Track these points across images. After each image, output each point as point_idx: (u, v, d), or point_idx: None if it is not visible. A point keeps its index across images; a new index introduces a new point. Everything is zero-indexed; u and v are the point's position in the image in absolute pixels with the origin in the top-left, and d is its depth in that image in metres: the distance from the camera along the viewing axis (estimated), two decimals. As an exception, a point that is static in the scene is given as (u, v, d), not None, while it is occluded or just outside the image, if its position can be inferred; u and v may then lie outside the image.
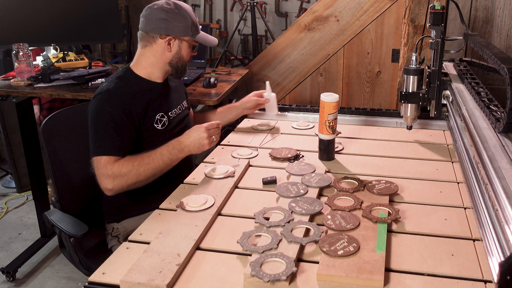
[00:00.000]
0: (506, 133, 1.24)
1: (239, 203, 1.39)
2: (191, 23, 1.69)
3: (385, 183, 1.44)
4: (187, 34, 1.69)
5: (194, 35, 1.72)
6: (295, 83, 2.85)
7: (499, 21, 2.23)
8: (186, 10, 1.69)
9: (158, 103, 1.71)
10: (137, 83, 1.69)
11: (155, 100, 1.70)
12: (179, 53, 1.71)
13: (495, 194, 1.00)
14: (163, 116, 1.72)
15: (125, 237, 1.64)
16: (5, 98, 2.50)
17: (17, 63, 2.50)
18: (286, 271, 1.02)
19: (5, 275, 2.41)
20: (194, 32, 1.71)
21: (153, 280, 1.02)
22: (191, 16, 1.70)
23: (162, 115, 1.72)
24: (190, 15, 1.69)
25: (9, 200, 3.25)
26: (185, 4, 1.71)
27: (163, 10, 1.65)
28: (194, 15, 1.72)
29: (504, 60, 1.32)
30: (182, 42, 1.70)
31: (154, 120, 1.69)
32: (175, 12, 1.65)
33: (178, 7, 1.67)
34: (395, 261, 1.09)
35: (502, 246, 0.96)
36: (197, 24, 1.72)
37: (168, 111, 1.76)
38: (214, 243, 1.18)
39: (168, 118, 1.75)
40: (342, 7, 2.65)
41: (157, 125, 1.70)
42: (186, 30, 1.68)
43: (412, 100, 1.77)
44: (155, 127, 1.69)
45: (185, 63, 1.75)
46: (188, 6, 1.72)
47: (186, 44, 1.70)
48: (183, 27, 1.67)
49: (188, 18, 1.68)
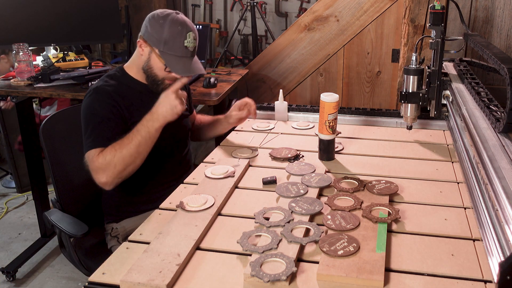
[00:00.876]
0: (506, 133, 1.24)
1: (239, 203, 1.39)
2: (164, 40, 1.58)
3: (385, 183, 1.44)
4: (157, 47, 1.60)
5: (164, 53, 1.60)
6: (295, 83, 2.85)
7: (499, 21, 2.23)
8: (170, 26, 1.58)
9: (148, 104, 1.63)
10: (127, 83, 1.68)
11: (142, 102, 1.65)
12: (148, 62, 1.64)
13: (495, 194, 1.00)
14: None
15: (125, 237, 1.64)
16: (5, 98, 2.50)
17: (17, 63, 2.50)
18: (286, 271, 1.02)
19: (5, 275, 2.41)
20: (165, 49, 1.59)
21: (153, 280, 1.02)
22: (169, 33, 1.58)
23: None
24: (169, 31, 1.58)
25: (9, 200, 3.25)
26: (182, 21, 1.60)
27: (154, 14, 1.62)
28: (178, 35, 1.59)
29: (504, 60, 1.32)
30: (152, 52, 1.62)
31: None
32: (158, 22, 1.59)
33: (167, 19, 1.59)
34: (395, 261, 1.09)
35: (502, 246, 0.96)
36: (173, 43, 1.59)
37: None
38: (214, 243, 1.18)
39: None
40: (342, 7, 2.65)
41: None
42: (158, 43, 1.59)
43: (412, 100, 1.77)
44: None
45: (156, 76, 1.65)
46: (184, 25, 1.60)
47: (155, 56, 1.62)
48: (156, 38, 1.59)
49: (164, 31, 1.58)
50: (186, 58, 1.64)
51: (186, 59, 1.64)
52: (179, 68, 1.63)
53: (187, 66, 1.65)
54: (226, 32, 4.39)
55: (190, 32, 1.62)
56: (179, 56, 1.62)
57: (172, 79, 1.65)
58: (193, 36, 1.63)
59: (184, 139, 1.88)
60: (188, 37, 1.61)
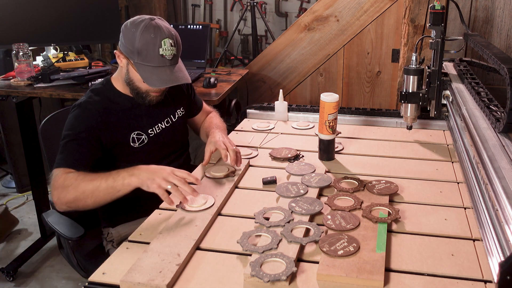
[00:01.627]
0: (506, 133, 1.24)
1: (239, 203, 1.39)
2: (137, 50, 1.48)
3: (385, 183, 1.44)
4: (132, 58, 1.50)
5: (139, 64, 1.49)
6: (295, 83, 2.85)
7: (499, 21, 2.23)
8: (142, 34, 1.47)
9: (134, 121, 1.60)
10: (112, 97, 1.60)
11: (130, 118, 1.60)
12: (128, 75, 1.55)
13: (495, 194, 1.00)
14: (140, 134, 1.61)
15: (119, 242, 1.62)
16: (5, 98, 2.50)
17: (17, 63, 2.50)
18: (286, 271, 1.02)
19: (5, 275, 2.41)
20: (139, 60, 1.49)
21: (153, 280, 1.02)
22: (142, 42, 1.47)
23: (139, 133, 1.61)
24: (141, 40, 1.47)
25: (9, 200, 3.25)
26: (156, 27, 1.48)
27: (125, 23, 1.52)
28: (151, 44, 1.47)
29: (504, 60, 1.32)
30: (129, 64, 1.53)
31: (130, 139, 1.60)
32: (130, 31, 1.49)
33: (139, 27, 1.48)
34: (395, 261, 1.09)
35: (502, 246, 0.96)
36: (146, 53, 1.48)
37: (147, 129, 1.64)
38: (214, 243, 1.18)
39: (148, 135, 1.64)
40: (342, 7, 2.65)
41: (133, 143, 1.60)
42: (131, 54, 1.49)
43: (412, 100, 1.77)
44: (132, 145, 1.60)
45: (138, 88, 1.56)
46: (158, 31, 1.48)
47: (132, 68, 1.52)
48: (129, 49, 1.50)
49: (136, 41, 1.47)
50: (164, 68, 1.51)
51: (163, 68, 1.51)
52: (155, 80, 1.50)
53: (165, 77, 1.51)
54: (226, 32, 4.38)
55: (165, 39, 1.49)
56: (155, 66, 1.49)
57: (157, 91, 1.57)
58: (170, 42, 1.50)
59: (182, 145, 1.83)
60: (164, 45, 1.48)
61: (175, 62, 1.55)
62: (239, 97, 2.95)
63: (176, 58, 1.55)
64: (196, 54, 2.83)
